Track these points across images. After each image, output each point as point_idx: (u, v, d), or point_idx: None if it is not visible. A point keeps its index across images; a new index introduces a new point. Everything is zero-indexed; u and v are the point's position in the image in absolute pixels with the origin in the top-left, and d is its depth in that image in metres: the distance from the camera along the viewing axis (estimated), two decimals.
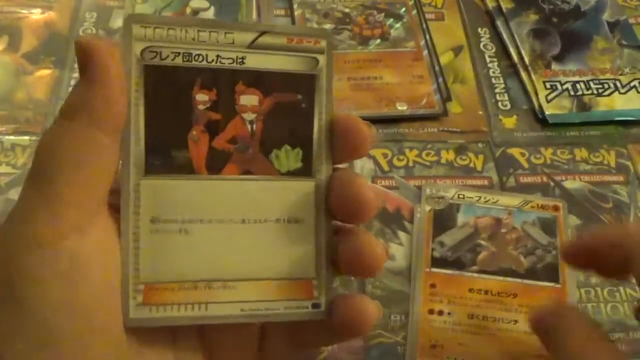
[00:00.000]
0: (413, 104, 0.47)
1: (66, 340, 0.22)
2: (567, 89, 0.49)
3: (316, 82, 0.27)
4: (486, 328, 0.37)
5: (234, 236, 0.26)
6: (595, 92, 0.49)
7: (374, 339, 0.36)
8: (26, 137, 0.44)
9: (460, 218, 0.41)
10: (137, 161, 0.25)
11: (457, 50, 0.52)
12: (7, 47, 0.49)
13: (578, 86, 0.50)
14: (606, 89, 0.49)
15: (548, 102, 0.48)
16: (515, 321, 0.37)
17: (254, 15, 0.52)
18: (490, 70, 0.51)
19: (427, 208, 0.41)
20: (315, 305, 0.26)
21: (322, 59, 0.27)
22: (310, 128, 0.27)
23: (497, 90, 0.50)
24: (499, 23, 0.54)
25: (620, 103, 0.49)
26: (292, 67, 0.26)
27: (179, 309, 0.25)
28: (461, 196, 0.42)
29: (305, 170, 0.27)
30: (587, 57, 0.52)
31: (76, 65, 0.48)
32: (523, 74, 0.50)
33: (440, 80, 0.49)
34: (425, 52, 0.51)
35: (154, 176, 0.25)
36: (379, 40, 0.51)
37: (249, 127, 0.26)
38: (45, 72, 0.48)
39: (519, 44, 0.52)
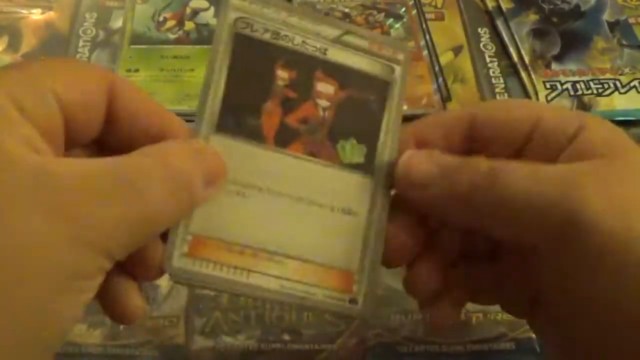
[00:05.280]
0: (413, 103, 0.47)
1: None
2: (567, 89, 0.49)
3: (389, 89, 0.28)
4: None
5: (287, 212, 0.26)
6: (595, 92, 0.49)
7: (374, 339, 0.37)
8: None
9: None
10: (210, 117, 0.26)
11: (457, 50, 0.52)
12: (7, 47, 0.49)
13: (578, 86, 0.50)
14: (606, 89, 0.49)
15: (548, 102, 0.48)
16: None
17: None
18: (490, 70, 0.51)
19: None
20: (353, 301, 0.26)
21: (397, 69, 0.28)
22: (378, 129, 0.28)
23: (497, 90, 0.50)
24: (499, 23, 0.54)
25: (620, 103, 0.49)
26: (370, 69, 0.28)
27: (221, 269, 0.25)
28: None
29: (366, 167, 0.27)
30: (587, 57, 0.52)
31: None
32: (523, 74, 0.50)
33: (440, 80, 0.49)
34: (425, 52, 0.51)
35: (224, 134, 0.26)
36: None
37: (321, 112, 0.27)
38: None
39: (519, 43, 0.52)
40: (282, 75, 0.26)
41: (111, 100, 0.24)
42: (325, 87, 0.27)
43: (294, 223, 0.26)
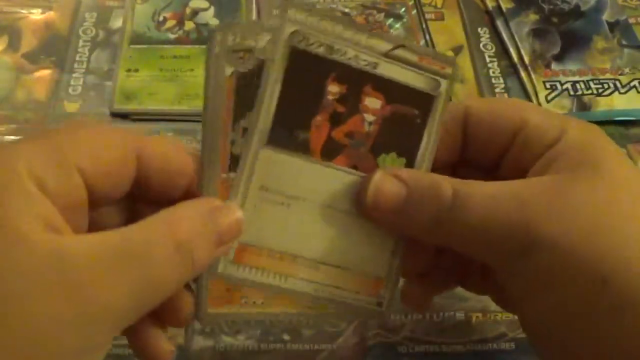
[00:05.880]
0: None
1: None
2: (567, 89, 0.49)
3: (434, 103, 0.28)
4: None
5: (326, 221, 0.27)
6: (595, 92, 0.49)
7: (374, 339, 0.37)
8: None
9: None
10: (262, 130, 0.26)
11: (457, 50, 0.52)
12: (7, 47, 0.49)
13: (578, 86, 0.50)
14: (606, 89, 0.49)
15: (548, 102, 0.48)
16: None
17: (254, 15, 0.52)
18: (490, 70, 0.51)
19: (229, 70, 0.26)
20: (380, 304, 0.29)
21: (444, 83, 0.28)
22: (418, 143, 0.28)
23: (497, 90, 0.50)
24: (499, 23, 0.54)
25: (620, 103, 0.49)
26: (417, 84, 0.28)
27: (262, 274, 0.27)
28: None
29: None
30: (587, 57, 0.52)
31: (76, 65, 0.48)
32: (523, 74, 0.50)
33: None
34: None
35: (274, 148, 0.26)
36: None
37: (366, 127, 0.27)
38: (45, 72, 0.48)
39: (518, 43, 0.52)
40: (333, 89, 0.27)
41: (140, 164, 0.24)
42: (372, 102, 0.27)
43: (331, 232, 0.27)
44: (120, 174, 0.24)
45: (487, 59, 0.52)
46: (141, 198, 0.26)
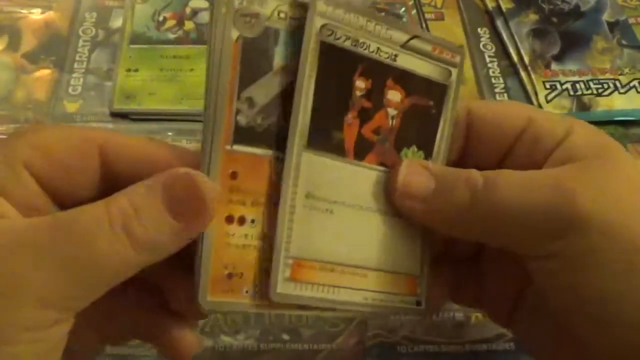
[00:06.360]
0: None
1: None
2: (566, 89, 0.49)
3: (447, 93, 0.28)
4: None
5: (366, 224, 0.26)
6: (594, 92, 0.49)
7: (373, 339, 0.37)
8: None
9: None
10: (301, 133, 0.24)
11: None
12: (7, 47, 0.49)
13: (578, 86, 0.50)
14: (606, 89, 0.49)
15: (548, 102, 0.48)
16: None
17: None
18: (490, 70, 0.51)
19: (235, 34, 0.24)
20: (419, 303, 0.28)
21: (454, 72, 0.28)
22: (434, 134, 0.28)
23: (496, 90, 0.50)
24: (499, 23, 0.54)
25: (620, 103, 0.49)
26: (432, 74, 0.27)
27: (317, 289, 0.25)
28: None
29: None
30: (586, 57, 0.52)
31: (75, 65, 0.48)
32: (523, 74, 0.50)
33: None
34: None
35: (314, 151, 0.25)
36: None
37: (390, 121, 0.27)
38: (45, 72, 0.48)
39: (518, 44, 0.52)
40: (360, 85, 0.26)
41: (106, 157, 0.24)
42: (394, 95, 0.27)
43: (370, 235, 0.26)
44: (79, 168, 0.24)
45: (487, 59, 0.52)
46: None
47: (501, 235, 0.26)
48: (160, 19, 0.52)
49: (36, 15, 0.52)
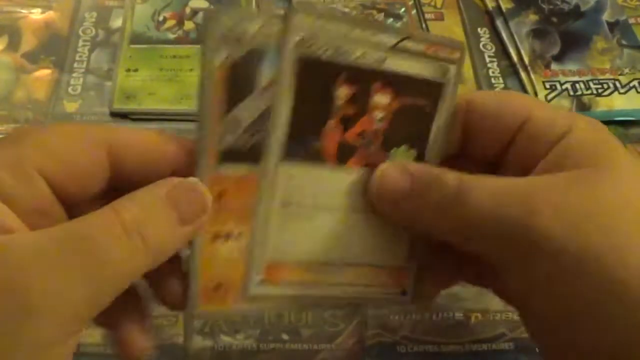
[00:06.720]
0: None
1: None
2: (566, 89, 0.49)
3: (442, 90, 0.28)
4: None
5: (347, 223, 0.27)
6: (594, 92, 0.49)
7: (373, 339, 0.37)
8: None
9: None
10: (277, 145, 0.25)
11: None
12: (7, 47, 0.49)
13: (577, 86, 0.50)
14: (606, 89, 0.49)
15: (548, 102, 0.48)
16: None
17: None
18: (490, 70, 0.51)
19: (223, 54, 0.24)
20: (404, 293, 0.29)
21: (452, 69, 0.28)
22: (428, 132, 0.28)
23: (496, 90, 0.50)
24: (499, 23, 0.54)
25: (620, 103, 0.49)
26: (425, 73, 0.27)
27: (293, 287, 0.27)
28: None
29: None
30: (586, 57, 0.52)
31: (75, 65, 0.48)
32: (522, 74, 0.50)
33: None
34: None
35: (291, 161, 0.26)
36: None
37: (376, 124, 0.27)
38: (45, 72, 0.48)
39: (518, 44, 0.52)
40: (342, 92, 0.26)
41: (113, 156, 0.24)
42: (381, 98, 0.27)
43: (351, 233, 0.27)
44: (89, 170, 0.24)
45: (487, 59, 0.52)
46: (125, 191, 0.25)
47: (473, 243, 0.26)
48: (160, 18, 0.52)
49: (36, 15, 0.52)
